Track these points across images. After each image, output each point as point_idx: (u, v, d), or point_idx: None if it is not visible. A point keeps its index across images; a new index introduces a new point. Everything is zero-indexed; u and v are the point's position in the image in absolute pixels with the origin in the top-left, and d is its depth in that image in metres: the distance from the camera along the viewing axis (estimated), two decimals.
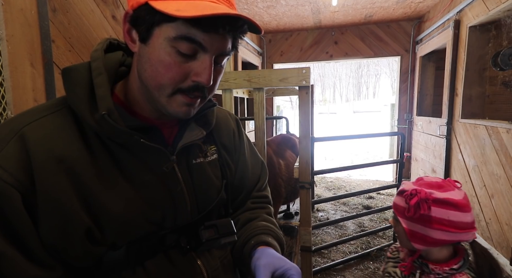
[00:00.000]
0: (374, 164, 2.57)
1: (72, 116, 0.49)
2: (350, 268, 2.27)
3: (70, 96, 0.49)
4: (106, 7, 1.60)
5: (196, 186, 0.59)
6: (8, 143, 0.44)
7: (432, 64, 4.16)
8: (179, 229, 0.55)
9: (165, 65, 0.47)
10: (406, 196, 0.84)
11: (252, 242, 0.63)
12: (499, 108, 2.68)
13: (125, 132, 0.48)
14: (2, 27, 1.04)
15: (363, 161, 6.84)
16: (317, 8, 3.74)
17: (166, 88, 0.48)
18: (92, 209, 0.47)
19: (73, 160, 0.46)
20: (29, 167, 0.43)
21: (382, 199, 3.83)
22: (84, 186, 0.46)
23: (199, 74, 0.48)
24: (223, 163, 0.67)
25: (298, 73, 1.48)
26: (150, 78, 0.49)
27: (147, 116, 0.56)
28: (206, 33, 0.46)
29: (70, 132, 0.48)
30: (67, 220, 0.45)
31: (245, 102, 4.21)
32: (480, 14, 2.54)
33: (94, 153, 0.48)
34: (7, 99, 1.07)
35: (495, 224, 2.30)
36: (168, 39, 0.46)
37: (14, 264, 0.42)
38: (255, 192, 0.76)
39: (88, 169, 0.47)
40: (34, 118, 0.47)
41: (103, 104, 0.47)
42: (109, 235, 0.48)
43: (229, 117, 0.74)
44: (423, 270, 0.86)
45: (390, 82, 34.21)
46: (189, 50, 0.47)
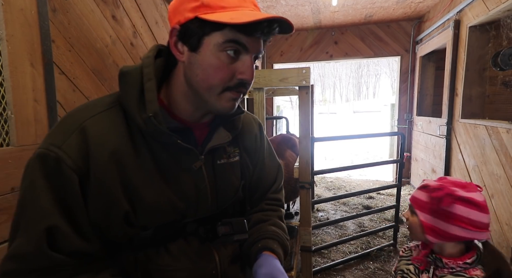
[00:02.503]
0: (374, 164, 2.57)
1: (123, 114, 0.57)
2: (350, 268, 2.27)
3: (123, 96, 0.57)
4: (106, 7, 1.60)
5: (218, 184, 0.67)
6: (72, 134, 0.52)
7: (432, 64, 4.15)
8: (198, 220, 0.63)
9: (215, 68, 0.54)
10: (430, 190, 0.88)
11: (259, 245, 0.70)
12: (499, 108, 2.68)
13: (165, 133, 0.55)
14: (2, 27, 1.04)
15: (363, 161, 6.84)
16: (317, 8, 3.74)
17: (216, 88, 0.56)
18: (131, 196, 0.55)
19: (122, 153, 0.54)
20: (87, 156, 0.51)
21: (382, 199, 3.82)
22: (127, 176, 0.54)
23: (243, 72, 0.56)
24: (244, 164, 0.74)
25: (298, 73, 1.48)
26: (202, 81, 0.56)
27: (184, 119, 0.63)
28: (249, 36, 0.54)
29: (121, 129, 0.56)
30: (111, 204, 0.53)
31: (245, 102, 4.20)
32: (480, 14, 2.54)
33: (137, 148, 0.56)
34: (7, 99, 1.07)
35: (495, 224, 2.30)
36: (217, 45, 0.53)
37: (65, 236, 0.50)
38: (270, 193, 0.82)
39: (132, 162, 0.55)
40: (94, 113, 0.55)
41: (151, 107, 0.54)
42: (142, 219, 0.56)
43: (253, 122, 0.81)
44: (436, 265, 0.89)
45: (390, 82, 34.20)
46: (234, 53, 0.55)
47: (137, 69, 0.58)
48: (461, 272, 0.84)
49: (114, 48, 1.64)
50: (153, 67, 0.58)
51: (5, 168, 1.05)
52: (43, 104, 1.21)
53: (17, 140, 1.10)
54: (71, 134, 0.52)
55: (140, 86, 0.56)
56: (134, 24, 1.83)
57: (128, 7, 1.77)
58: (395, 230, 2.57)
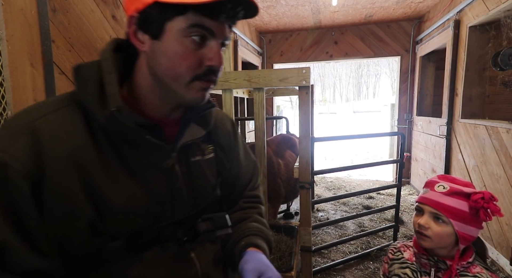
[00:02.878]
0: (374, 164, 2.57)
1: (81, 112, 0.51)
2: (350, 268, 2.27)
3: (80, 92, 0.52)
4: (106, 7, 1.60)
5: (194, 183, 0.62)
6: (20, 136, 0.46)
7: (432, 64, 4.15)
8: (176, 222, 0.58)
9: (181, 55, 0.51)
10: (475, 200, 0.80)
11: (242, 243, 0.67)
12: (499, 108, 2.68)
13: (132, 129, 0.51)
14: (2, 27, 1.04)
15: (363, 161, 6.84)
16: (317, 8, 3.74)
17: (184, 77, 0.52)
18: (96, 201, 0.49)
19: (81, 154, 0.48)
20: (40, 160, 0.45)
21: (382, 199, 3.83)
22: (90, 179, 0.48)
23: (211, 58, 0.53)
24: (219, 161, 0.70)
25: (298, 73, 1.48)
26: (167, 70, 0.52)
27: (151, 115, 0.58)
28: (214, 20, 0.51)
29: (79, 127, 0.50)
30: (72, 211, 0.47)
31: (245, 102, 4.20)
32: (480, 14, 2.54)
33: (100, 148, 0.51)
34: (7, 99, 1.07)
35: (495, 224, 2.30)
36: (181, 30, 0.50)
37: (15, 252, 0.43)
38: (247, 191, 0.80)
39: (94, 163, 0.49)
40: (45, 112, 0.49)
41: (113, 101, 0.50)
42: (111, 226, 0.50)
43: (226, 119, 0.78)
44: (438, 268, 0.87)
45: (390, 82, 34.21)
46: (200, 38, 0.51)
47: (94, 64, 0.54)
48: (464, 271, 0.84)
49: None
50: (112, 60, 0.53)
51: None
52: None
53: None
54: (19, 136, 0.45)
55: (99, 81, 0.52)
56: None
57: None
58: (395, 230, 2.57)
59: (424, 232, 0.85)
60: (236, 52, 3.63)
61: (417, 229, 0.88)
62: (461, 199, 0.83)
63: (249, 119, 3.47)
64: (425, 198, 0.88)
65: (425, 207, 0.88)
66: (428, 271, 0.88)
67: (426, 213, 0.87)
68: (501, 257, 2.19)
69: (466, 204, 0.82)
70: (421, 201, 0.89)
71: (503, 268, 2.16)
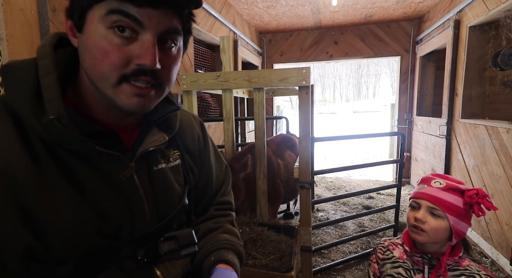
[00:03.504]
0: (374, 164, 2.57)
1: (13, 120, 0.44)
2: (350, 268, 2.27)
3: (11, 98, 0.44)
4: None
5: (157, 194, 0.56)
6: None
7: (432, 64, 4.15)
8: (136, 239, 0.52)
9: (102, 50, 0.43)
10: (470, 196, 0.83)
11: (212, 258, 0.61)
12: (499, 108, 2.68)
13: (77, 139, 0.44)
14: (2, 27, 1.04)
15: (363, 161, 6.84)
16: (317, 8, 3.74)
17: (108, 76, 0.44)
18: (34, 223, 0.42)
19: (13, 170, 0.41)
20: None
21: (382, 199, 3.82)
22: (26, 198, 0.41)
23: (141, 55, 0.43)
24: (187, 168, 0.64)
25: (298, 73, 1.48)
26: (90, 68, 0.45)
27: (104, 120, 0.51)
28: (140, 7, 0.42)
29: (9, 139, 0.42)
30: (4, 238, 0.40)
31: (245, 102, 4.21)
32: (480, 14, 2.54)
33: (38, 161, 0.43)
34: None
35: (495, 224, 2.30)
36: (101, 20, 0.42)
37: None
38: (218, 197, 0.75)
39: (31, 180, 0.42)
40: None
41: (52, 107, 0.43)
42: (56, 250, 0.43)
43: (193, 121, 0.72)
44: (431, 265, 0.88)
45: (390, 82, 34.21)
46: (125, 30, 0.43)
47: (29, 62, 0.46)
48: (455, 266, 0.86)
49: None
50: (51, 58, 0.46)
51: None
52: None
53: None
54: None
55: (35, 83, 0.44)
56: None
57: None
58: (395, 230, 2.57)
59: (421, 226, 0.87)
60: (236, 52, 3.63)
61: (413, 223, 0.89)
62: (457, 195, 0.86)
63: (249, 119, 3.47)
64: (422, 193, 0.90)
65: (422, 202, 0.89)
66: (422, 268, 0.89)
67: (423, 207, 0.89)
68: (501, 257, 2.19)
69: (461, 200, 0.85)
70: (418, 196, 0.91)
71: (503, 268, 2.16)
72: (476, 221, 2.61)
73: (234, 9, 3.62)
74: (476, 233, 2.61)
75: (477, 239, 2.58)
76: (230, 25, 3.40)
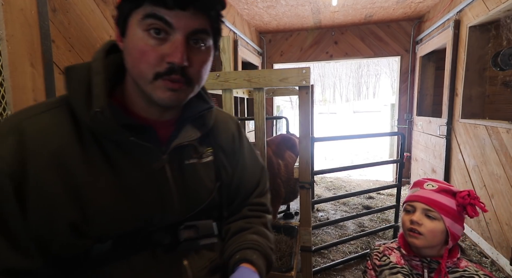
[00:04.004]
0: (374, 164, 2.57)
1: (70, 114, 0.51)
2: (350, 268, 2.27)
3: (69, 94, 0.52)
4: (106, 7, 1.60)
5: (186, 187, 0.59)
6: (8, 136, 0.47)
7: (432, 64, 4.15)
8: (166, 228, 0.56)
9: (140, 51, 0.48)
10: (462, 197, 0.83)
11: (237, 256, 0.63)
12: (499, 108, 2.68)
13: (116, 130, 0.50)
14: (2, 27, 1.04)
15: (363, 161, 6.84)
16: (317, 8, 3.74)
17: (145, 74, 0.50)
18: (80, 202, 0.48)
19: (66, 154, 0.48)
20: (23, 160, 0.46)
21: (382, 199, 3.82)
22: (74, 180, 0.48)
23: (171, 54, 0.48)
24: (219, 165, 0.67)
25: (298, 73, 1.48)
26: (131, 67, 0.51)
27: (145, 116, 0.57)
28: (170, 10, 0.47)
29: (65, 128, 0.50)
30: (54, 212, 0.46)
31: (245, 102, 4.20)
32: (480, 14, 2.54)
33: (87, 149, 0.50)
34: (7, 99, 1.07)
35: (495, 224, 2.30)
36: (138, 24, 0.48)
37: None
38: (253, 198, 0.75)
39: (79, 164, 0.49)
40: (33, 113, 0.50)
41: (97, 102, 0.49)
42: (96, 228, 0.49)
43: (230, 121, 0.74)
44: (431, 268, 0.87)
45: (390, 82, 34.21)
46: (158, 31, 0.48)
47: (85, 65, 0.54)
48: (454, 268, 0.85)
49: None
50: (102, 62, 0.53)
51: None
52: None
53: None
54: (6, 137, 0.46)
55: (88, 82, 0.51)
56: None
57: None
58: (395, 230, 2.57)
59: (417, 228, 0.86)
60: (236, 52, 3.63)
61: (410, 226, 0.88)
62: (449, 197, 0.86)
63: (249, 119, 3.47)
64: (417, 196, 0.90)
65: (416, 204, 0.89)
66: (421, 272, 0.88)
67: (418, 210, 0.88)
68: (501, 257, 2.19)
69: (454, 202, 0.85)
70: (413, 199, 0.91)
71: (503, 268, 2.16)
72: (476, 221, 2.61)
73: (234, 9, 3.62)
74: (476, 233, 2.61)
75: (477, 239, 2.58)
76: (230, 25, 3.40)
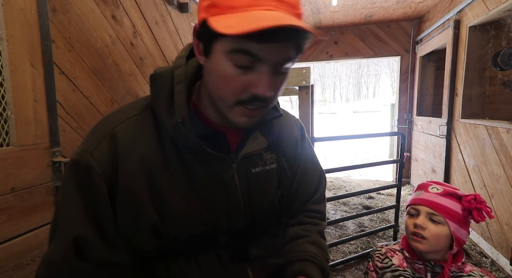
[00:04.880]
0: (374, 164, 2.57)
1: (153, 119, 0.55)
2: (350, 268, 2.27)
3: (154, 100, 0.54)
4: (106, 7, 1.60)
5: (252, 194, 0.61)
6: (103, 140, 0.51)
7: (432, 64, 4.15)
8: (230, 233, 0.59)
9: (225, 79, 0.48)
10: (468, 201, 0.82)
11: (295, 268, 0.63)
12: (499, 108, 2.68)
13: (194, 141, 0.52)
14: (2, 27, 1.04)
15: (363, 161, 6.84)
16: (317, 8, 3.74)
17: (227, 100, 0.50)
18: (160, 206, 0.52)
19: (150, 161, 0.52)
20: (116, 164, 0.50)
21: (382, 199, 3.82)
22: (156, 184, 0.52)
23: (257, 86, 0.47)
24: (281, 172, 0.67)
25: (298, 73, 1.48)
26: (213, 91, 0.52)
27: (215, 122, 0.58)
28: (261, 44, 0.44)
29: (150, 135, 0.53)
30: (139, 214, 0.51)
31: None
32: (480, 14, 2.54)
33: (167, 155, 0.53)
34: (7, 99, 1.07)
35: (495, 224, 2.30)
36: (225, 53, 0.46)
37: (92, 245, 0.49)
38: (311, 204, 0.73)
39: (161, 170, 0.52)
40: (125, 117, 0.54)
41: (179, 112, 0.51)
42: (171, 229, 0.53)
43: (294, 125, 0.73)
44: (434, 272, 0.85)
45: (390, 82, 34.22)
46: (246, 63, 0.46)
47: (169, 71, 0.55)
48: (459, 272, 0.84)
49: (114, 48, 1.64)
50: (184, 69, 0.55)
51: (5, 168, 1.05)
52: (43, 104, 1.21)
53: (17, 140, 1.10)
54: (102, 140, 0.51)
55: (171, 89, 0.53)
56: (134, 24, 1.83)
57: (128, 7, 1.77)
58: (395, 230, 2.57)
59: (421, 233, 0.84)
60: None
61: (413, 231, 0.86)
62: (455, 201, 0.84)
63: None
64: (421, 199, 0.87)
65: (421, 208, 0.86)
66: (424, 276, 0.86)
67: (422, 214, 0.86)
68: (501, 257, 2.19)
69: (459, 206, 0.83)
70: (417, 202, 0.88)
71: (503, 268, 2.16)
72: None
73: None
74: (476, 233, 2.61)
75: (477, 239, 2.58)
76: None
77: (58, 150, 1.25)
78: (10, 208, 1.06)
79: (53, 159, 1.23)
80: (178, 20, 2.39)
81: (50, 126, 1.23)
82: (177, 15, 2.38)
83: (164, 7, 2.20)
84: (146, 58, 1.95)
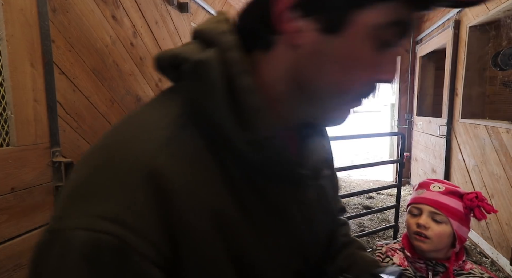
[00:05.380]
0: (374, 164, 2.57)
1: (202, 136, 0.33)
2: None
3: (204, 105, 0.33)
4: (106, 7, 1.60)
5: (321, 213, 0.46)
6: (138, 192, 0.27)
7: (432, 64, 4.15)
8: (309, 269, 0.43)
9: (363, 65, 0.33)
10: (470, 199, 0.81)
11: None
12: (499, 108, 2.68)
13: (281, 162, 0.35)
14: (2, 27, 1.04)
15: (363, 161, 6.84)
16: None
17: (349, 94, 0.35)
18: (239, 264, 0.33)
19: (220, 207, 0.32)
20: (172, 228, 0.28)
21: (382, 199, 3.82)
22: (234, 239, 0.33)
23: (387, 69, 0.34)
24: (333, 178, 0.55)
25: None
26: (331, 83, 0.34)
27: None
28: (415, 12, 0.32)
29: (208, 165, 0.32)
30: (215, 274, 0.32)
31: None
32: (480, 14, 2.54)
33: (237, 190, 0.34)
34: (7, 99, 1.07)
35: (495, 224, 2.30)
36: (373, 28, 0.31)
37: None
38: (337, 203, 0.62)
39: (237, 217, 0.33)
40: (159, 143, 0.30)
41: (262, 120, 0.32)
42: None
43: None
44: (436, 271, 0.85)
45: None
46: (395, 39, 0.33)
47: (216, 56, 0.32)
48: (460, 270, 0.84)
49: (114, 48, 1.64)
50: (240, 52, 0.33)
51: (5, 168, 1.05)
52: (43, 104, 1.21)
53: (17, 140, 1.10)
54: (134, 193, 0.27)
55: (226, 84, 0.32)
56: (134, 24, 1.83)
57: (128, 7, 1.77)
58: (395, 230, 2.57)
59: (424, 232, 0.83)
60: None
61: (416, 230, 0.85)
62: (456, 199, 0.84)
63: None
64: (423, 198, 0.86)
65: (423, 207, 0.85)
66: (425, 275, 0.86)
67: (425, 213, 0.85)
68: (501, 257, 2.19)
69: (461, 204, 0.83)
70: (419, 201, 0.87)
71: (503, 268, 2.16)
72: (476, 221, 2.61)
73: (234, 9, 3.62)
74: (476, 233, 2.61)
75: (477, 239, 2.58)
76: None
77: (58, 150, 1.25)
78: (10, 208, 1.06)
79: (53, 159, 1.23)
80: (178, 20, 2.39)
81: (50, 126, 1.23)
82: (177, 15, 2.38)
83: (164, 7, 2.20)
84: (146, 58, 1.95)
